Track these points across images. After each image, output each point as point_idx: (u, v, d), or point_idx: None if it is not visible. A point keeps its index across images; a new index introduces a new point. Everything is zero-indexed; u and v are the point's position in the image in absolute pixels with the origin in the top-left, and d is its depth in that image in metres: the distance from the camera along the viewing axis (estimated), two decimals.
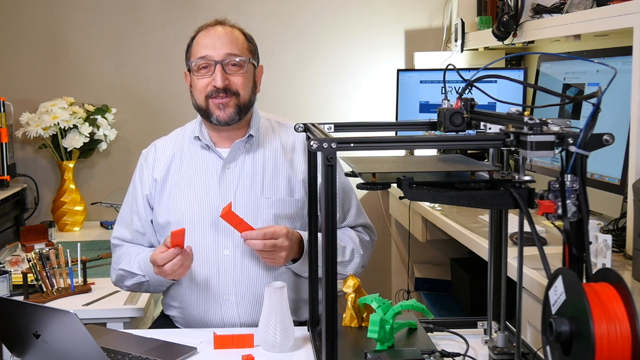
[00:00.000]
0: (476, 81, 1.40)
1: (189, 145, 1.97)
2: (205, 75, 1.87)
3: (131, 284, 1.94)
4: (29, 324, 1.42)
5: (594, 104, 1.09)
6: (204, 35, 1.89)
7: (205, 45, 1.87)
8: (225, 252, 1.87)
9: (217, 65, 1.85)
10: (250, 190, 1.89)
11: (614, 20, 1.89)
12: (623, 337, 0.96)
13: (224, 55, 1.85)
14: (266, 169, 1.92)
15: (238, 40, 1.89)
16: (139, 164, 2.02)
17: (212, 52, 1.86)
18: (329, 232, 1.23)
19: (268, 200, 1.89)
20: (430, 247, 3.24)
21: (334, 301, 1.24)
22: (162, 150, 2.00)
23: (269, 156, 1.93)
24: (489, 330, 1.57)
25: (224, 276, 1.86)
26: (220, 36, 1.87)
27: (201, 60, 1.86)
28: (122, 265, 1.93)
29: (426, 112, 3.01)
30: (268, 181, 1.91)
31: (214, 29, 1.90)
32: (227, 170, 1.91)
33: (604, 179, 2.06)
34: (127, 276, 1.93)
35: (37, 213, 3.40)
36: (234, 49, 1.87)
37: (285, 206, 1.89)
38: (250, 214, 1.87)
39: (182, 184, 1.93)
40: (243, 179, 1.90)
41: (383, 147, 1.32)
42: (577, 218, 1.11)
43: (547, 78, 2.52)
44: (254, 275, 1.86)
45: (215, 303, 1.86)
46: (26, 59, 3.38)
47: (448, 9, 3.39)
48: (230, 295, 1.86)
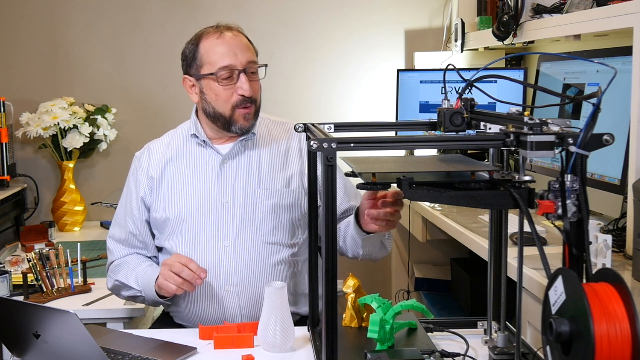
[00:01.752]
0: (476, 81, 1.39)
1: (184, 142, 1.98)
2: (229, 84, 1.86)
3: (127, 295, 1.95)
4: (29, 324, 1.42)
5: (594, 104, 1.09)
6: (217, 44, 1.86)
7: (224, 54, 1.85)
8: (225, 244, 1.88)
9: (241, 73, 1.85)
10: (248, 183, 1.92)
11: (614, 20, 1.89)
12: (623, 337, 0.96)
13: (246, 64, 1.86)
14: (262, 163, 1.94)
15: (250, 46, 1.91)
16: (133, 167, 2.03)
17: (234, 60, 1.85)
18: (329, 232, 1.23)
19: (266, 192, 1.91)
20: (430, 247, 3.24)
21: (334, 301, 1.24)
22: (156, 150, 2.01)
23: (264, 152, 1.95)
24: (489, 330, 1.57)
25: (225, 267, 1.88)
26: (237, 43, 1.87)
27: (224, 71, 1.85)
28: (119, 277, 1.94)
29: (426, 112, 3.00)
30: (265, 174, 1.93)
31: (224, 35, 1.87)
32: (225, 166, 1.93)
33: (604, 179, 2.06)
34: (122, 287, 1.94)
35: (37, 213, 3.40)
36: (252, 57, 1.89)
37: (283, 196, 1.92)
38: (248, 204, 1.90)
39: (180, 179, 1.94)
40: (241, 173, 1.93)
41: (383, 147, 1.32)
42: (577, 218, 1.11)
43: (547, 78, 2.52)
44: (254, 265, 1.88)
45: (216, 295, 1.87)
46: (26, 59, 3.38)
47: (448, 9, 3.39)
48: (231, 286, 1.87)
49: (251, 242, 1.88)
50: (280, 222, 1.91)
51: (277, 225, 1.91)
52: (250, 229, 1.89)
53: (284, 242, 1.92)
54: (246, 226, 1.89)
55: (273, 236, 1.91)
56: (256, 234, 1.90)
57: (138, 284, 1.89)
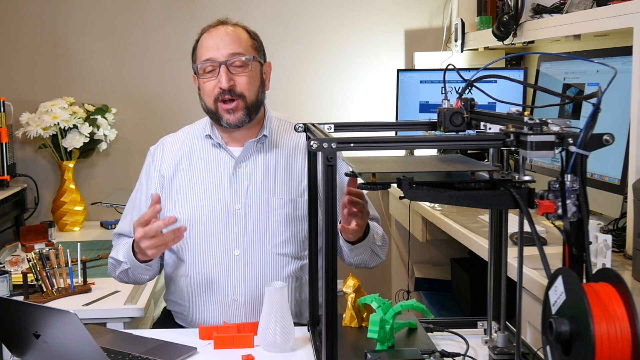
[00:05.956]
0: (476, 81, 1.39)
1: (199, 142, 1.96)
2: (211, 78, 1.85)
3: (118, 272, 1.91)
4: (29, 324, 1.42)
5: (594, 104, 1.09)
6: (207, 38, 1.88)
7: (209, 48, 1.86)
8: (235, 252, 1.86)
9: (221, 66, 1.83)
10: (262, 190, 1.89)
11: (614, 20, 1.89)
12: (623, 337, 0.96)
13: (227, 56, 1.84)
14: (278, 169, 1.91)
15: (241, 38, 1.88)
16: (147, 161, 2.01)
17: (215, 53, 1.84)
18: (329, 232, 1.23)
19: (280, 201, 1.89)
20: (430, 247, 3.24)
21: (334, 301, 1.24)
22: (170, 146, 1.99)
23: (281, 156, 1.92)
24: (489, 330, 1.57)
25: (234, 276, 1.86)
26: (223, 36, 1.86)
27: (206, 63, 1.85)
28: (112, 254, 1.93)
29: (426, 112, 3.00)
30: (280, 181, 1.90)
31: (217, 29, 1.88)
32: (238, 170, 1.90)
33: (604, 179, 2.06)
34: (115, 265, 1.91)
35: (37, 213, 3.40)
36: (237, 49, 1.85)
37: (297, 206, 1.89)
38: (262, 213, 1.87)
39: (192, 180, 1.92)
40: (255, 179, 1.90)
41: (383, 147, 1.32)
42: (577, 218, 1.11)
43: (547, 78, 2.52)
44: (264, 277, 1.86)
45: (223, 304, 1.86)
46: (26, 59, 3.38)
47: (448, 9, 3.39)
48: (239, 295, 1.85)
49: (262, 252, 1.86)
50: (292, 233, 1.88)
51: (289, 237, 1.88)
52: (261, 239, 1.87)
53: (295, 254, 1.89)
54: (258, 236, 1.87)
55: (284, 248, 1.88)
56: (268, 245, 1.87)
57: (124, 257, 1.86)
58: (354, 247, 1.83)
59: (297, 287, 1.90)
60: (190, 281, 1.89)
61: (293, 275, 1.89)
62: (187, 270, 1.90)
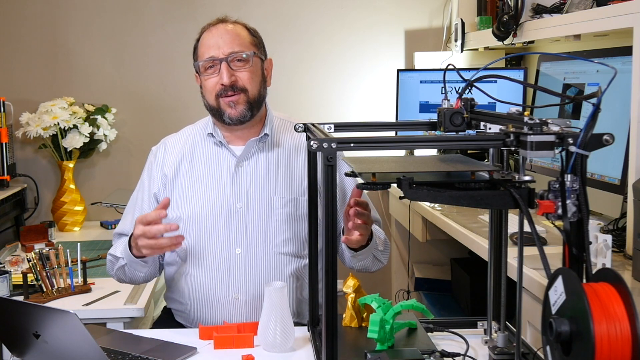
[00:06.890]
0: (476, 81, 1.39)
1: (201, 141, 1.97)
2: (212, 75, 1.87)
3: (116, 269, 1.91)
4: (29, 324, 1.42)
5: (594, 104, 1.09)
6: (207, 36, 1.90)
7: (210, 46, 1.87)
8: (237, 251, 1.87)
9: (222, 63, 1.85)
10: (263, 189, 1.89)
11: (614, 20, 1.89)
12: (623, 337, 0.96)
13: (227, 53, 1.86)
14: (280, 168, 1.92)
15: (241, 35, 1.89)
16: (148, 161, 2.02)
17: (216, 51, 1.86)
18: (329, 232, 1.23)
19: (282, 200, 1.89)
20: (430, 247, 3.24)
21: (334, 301, 1.24)
22: (172, 146, 1.99)
23: (282, 155, 1.93)
24: (489, 330, 1.57)
25: (235, 275, 1.86)
26: (223, 34, 1.88)
27: (207, 62, 1.87)
28: (111, 251, 1.94)
29: (426, 112, 3.00)
30: (281, 180, 1.91)
31: (217, 27, 1.90)
32: (240, 168, 1.91)
33: (604, 179, 2.06)
34: (113, 261, 1.91)
35: (37, 213, 3.40)
36: (237, 46, 1.87)
37: (299, 206, 1.89)
38: (263, 212, 1.88)
39: (194, 179, 1.93)
40: (257, 178, 1.90)
41: (383, 147, 1.32)
42: (577, 218, 1.11)
43: (547, 78, 2.52)
44: (265, 275, 1.86)
45: (224, 302, 1.86)
46: (26, 59, 3.38)
47: (448, 9, 3.39)
48: (240, 294, 1.86)
49: (263, 251, 1.86)
50: (293, 232, 1.89)
51: (290, 236, 1.89)
52: (263, 238, 1.87)
53: (296, 253, 1.90)
54: (259, 235, 1.87)
55: (285, 247, 1.89)
56: (269, 244, 1.87)
57: (121, 253, 1.86)
58: (357, 254, 1.84)
59: (298, 286, 1.90)
60: (191, 279, 1.90)
61: (294, 274, 1.89)
62: (189, 269, 1.90)
